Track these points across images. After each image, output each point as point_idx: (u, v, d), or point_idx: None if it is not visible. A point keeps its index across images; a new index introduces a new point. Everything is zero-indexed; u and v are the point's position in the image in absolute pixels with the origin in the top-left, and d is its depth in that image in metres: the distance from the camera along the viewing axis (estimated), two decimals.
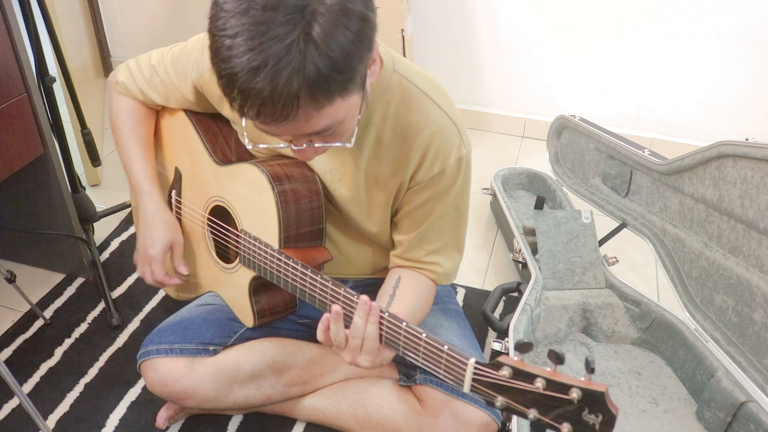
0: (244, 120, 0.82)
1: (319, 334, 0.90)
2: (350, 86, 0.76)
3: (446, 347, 0.80)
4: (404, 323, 0.85)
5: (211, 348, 1.17)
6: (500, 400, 0.73)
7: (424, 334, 0.83)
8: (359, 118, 0.84)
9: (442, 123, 0.98)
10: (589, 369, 0.66)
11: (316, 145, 0.82)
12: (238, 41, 0.70)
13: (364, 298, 0.87)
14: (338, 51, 0.71)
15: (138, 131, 1.19)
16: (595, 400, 0.65)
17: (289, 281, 1.00)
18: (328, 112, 0.76)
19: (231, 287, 1.16)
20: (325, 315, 0.89)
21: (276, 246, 1.02)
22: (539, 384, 0.68)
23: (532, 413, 0.70)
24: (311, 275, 0.95)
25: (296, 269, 0.97)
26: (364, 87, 0.82)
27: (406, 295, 1.04)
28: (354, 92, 0.78)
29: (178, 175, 1.22)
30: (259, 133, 0.83)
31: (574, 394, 0.66)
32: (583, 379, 0.66)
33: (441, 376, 0.82)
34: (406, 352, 0.86)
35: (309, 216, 1.04)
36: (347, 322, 0.90)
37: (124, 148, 1.19)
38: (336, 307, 0.89)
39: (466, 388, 0.77)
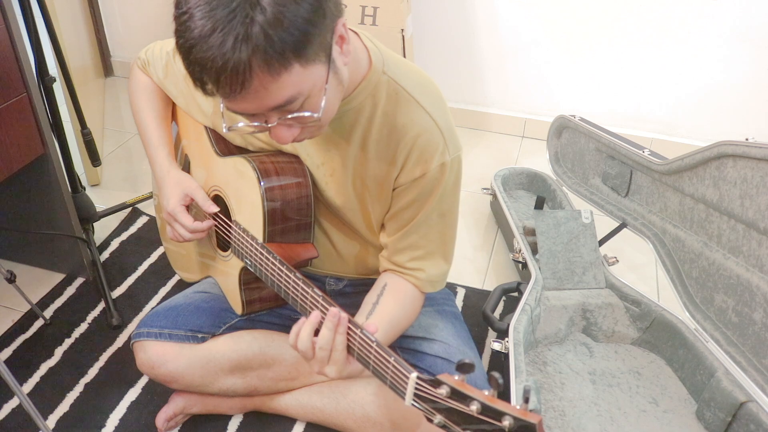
0: (222, 105, 0.83)
1: (291, 337, 0.91)
2: (307, 52, 0.75)
3: (393, 358, 0.80)
4: (359, 330, 0.85)
5: (199, 335, 1.19)
6: (438, 418, 0.72)
7: (374, 343, 0.83)
8: (327, 88, 0.82)
9: (427, 127, 0.97)
10: (524, 398, 0.65)
11: (289, 116, 0.81)
12: (193, 12, 0.72)
13: (334, 310, 0.86)
14: (286, 14, 0.71)
15: (153, 104, 1.21)
16: (527, 429, 0.64)
17: (269, 275, 1.02)
18: (287, 81, 0.75)
19: (225, 275, 1.18)
20: (298, 322, 0.90)
21: (260, 239, 1.03)
22: (474, 407, 0.67)
23: None
24: (286, 271, 0.96)
25: (274, 264, 0.99)
26: (331, 60, 0.81)
27: (389, 303, 1.04)
28: (316, 62, 0.77)
29: (186, 162, 1.24)
30: (234, 116, 0.83)
31: (506, 422, 0.65)
32: (518, 408, 0.65)
33: (388, 385, 0.82)
34: (360, 358, 0.87)
35: (296, 212, 1.05)
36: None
37: (140, 123, 1.21)
38: (315, 312, 0.89)
39: (408, 401, 0.77)
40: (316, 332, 0.90)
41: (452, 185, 1.03)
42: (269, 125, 0.82)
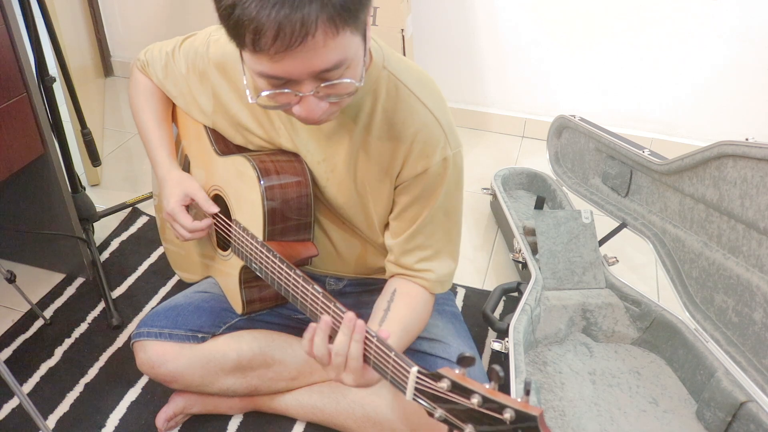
0: (245, 79, 0.82)
1: (304, 344, 0.89)
2: (359, 21, 0.77)
3: (393, 353, 0.80)
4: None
5: (200, 335, 1.19)
6: (439, 412, 0.72)
7: (375, 338, 0.83)
8: (365, 60, 0.83)
9: (427, 122, 0.98)
10: (525, 391, 0.65)
11: (325, 84, 0.80)
12: None
13: (350, 314, 0.85)
14: None
15: (153, 105, 1.21)
16: (528, 423, 0.64)
17: (269, 273, 1.02)
18: (340, 43, 0.76)
19: (225, 274, 1.19)
20: (310, 326, 0.88)
21: (260, 238, 1.03)
22: (475, 400, 0.67)
23: (469, 429, 0.69)
24: (286, 269, 0.96)
25: (274, 262, 0.99)
26: (366, 40, 0.82)
27: (400, 309, 1.03)
28: (359, 33, 0.79)
29: (186, 162, 1.24)
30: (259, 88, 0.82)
31: (507, 415, 0.65)
32: (519, 400, 0.65)
33: (389, 380, 0.82)
34: None
35: (296, 211, 1.05)
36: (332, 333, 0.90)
37: (140, 124, 1.21)
38: (326, 318, 0.87)
39: (408, 396, 0.77)
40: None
41: (455, 182, 1.03)
42: (301, 94, 0.81)
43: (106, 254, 1.77)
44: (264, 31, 0.72)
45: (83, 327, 1.54)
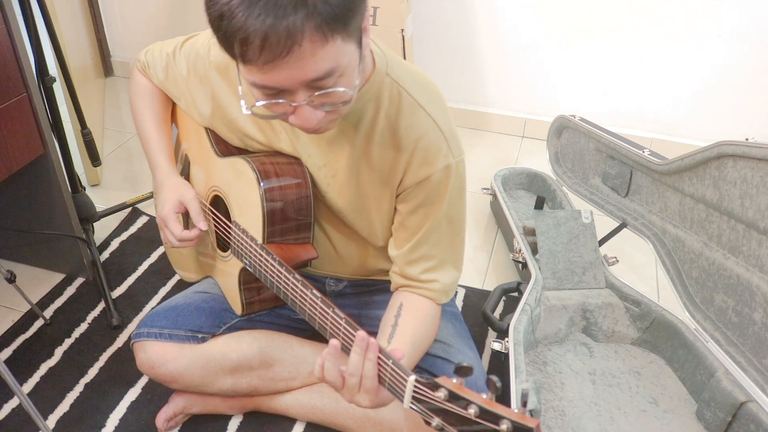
0: (240, 88, 0.82)
1: (316, 370, 0.88)
2: (350, 28, 0.75)
3: (391, 361, 0.80)
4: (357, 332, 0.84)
5: (200, 335, 1.19)
6: (437, 421, 0.72)
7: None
8: (360, 69, 0.82)
9: (429, 130, 0.97)
10: (522, 402, 0.65)
11: (318, 93, 0.79)
12: None
13: (361, 334, 0.83)
14: None
15: (153, 108, 1.21)
16: None
17: (268, 276, 1.02)
18: (330, 52, 0.75)
19: (225, 275, 1.19)
20: (323, 352, 0.87)
21: (260, 240, 1.03)
22: (472, 411, 0.67)
23: None
24: (285, 273, 0.96)
25: (273, 265, 0.99)
26: (361, 47, 0.81)
27: (409, 324, 1.02)
28: (353, 40, 0.78)
29: (186, 162, 1.24)
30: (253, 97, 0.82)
31: (504, 426, 0.65)
32: (517, 411, 0.65)
33: (386, 387, 0.82)
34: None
35: (296, 213, 1.06)
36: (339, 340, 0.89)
37: (140, 126, 1.21)
38: (335, 342, 0.85)
39: (406, 404, 0.77)
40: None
41: (458, 190, 1.02)
42: (295, 104, 0.80)
43: (106, 254, 1.77)
44: (250, 42, 0.71)
45: (83, 327, 1.54)
